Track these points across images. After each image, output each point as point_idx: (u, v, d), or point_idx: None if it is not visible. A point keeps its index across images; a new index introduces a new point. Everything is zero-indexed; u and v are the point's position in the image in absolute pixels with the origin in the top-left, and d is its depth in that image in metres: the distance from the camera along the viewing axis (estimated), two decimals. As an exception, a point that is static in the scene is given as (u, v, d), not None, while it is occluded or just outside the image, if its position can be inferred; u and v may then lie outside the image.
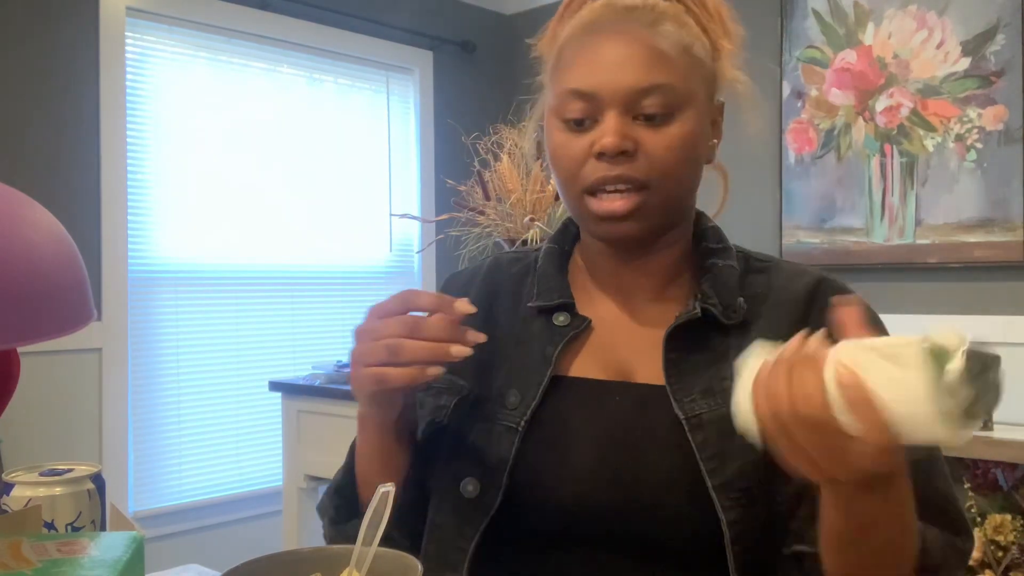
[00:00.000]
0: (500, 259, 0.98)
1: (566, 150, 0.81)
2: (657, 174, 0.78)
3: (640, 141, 0.78)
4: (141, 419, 2.75)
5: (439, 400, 0.89)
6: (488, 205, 2.02)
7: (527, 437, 0.82)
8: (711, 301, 0.82)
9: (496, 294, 0.93)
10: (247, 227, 2.98)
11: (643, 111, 0.78)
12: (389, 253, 3.38)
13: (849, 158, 2.72)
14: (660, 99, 0.77)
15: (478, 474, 0.83)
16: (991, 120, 2.46)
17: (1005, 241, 2.44)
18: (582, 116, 0.80)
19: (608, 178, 0.78)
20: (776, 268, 0.88)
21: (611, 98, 0.78)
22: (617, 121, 0.78)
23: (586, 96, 0.79)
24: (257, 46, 3.01)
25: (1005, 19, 2.43)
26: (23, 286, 0.67)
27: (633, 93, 0.77)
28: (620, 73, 0.78)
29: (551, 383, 0.83)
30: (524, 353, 0.87)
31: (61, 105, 2.56)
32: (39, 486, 0.73)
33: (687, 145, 0.79)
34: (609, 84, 0.78)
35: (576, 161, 0.80)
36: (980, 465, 2.23)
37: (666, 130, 0.78)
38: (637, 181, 0.78)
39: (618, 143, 0.77)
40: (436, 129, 3.49)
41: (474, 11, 3.65)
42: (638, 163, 0.78)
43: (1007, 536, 2.14)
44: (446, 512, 0.84)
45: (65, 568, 0.53)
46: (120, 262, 2.66)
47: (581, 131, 0.80)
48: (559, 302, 0.87)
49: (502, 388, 0.85)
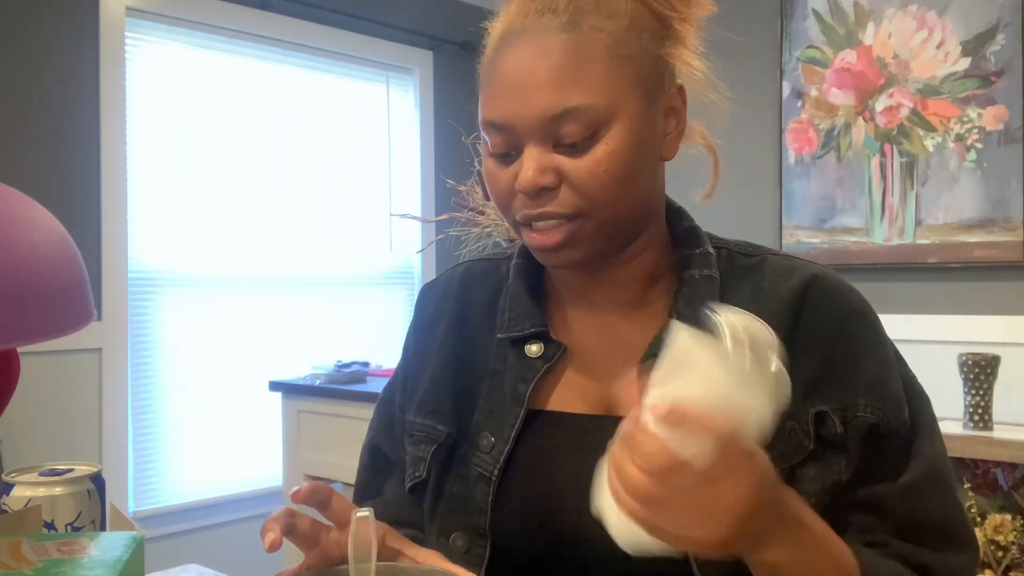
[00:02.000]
0: (472, 270, 0.92)
1: (495, 183, 0.75)
2: (586, 202, 0.71)
3: (563, 171, 0.71)
4: (141, 419, 2.75)
5: (417, 451, 0.84)
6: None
7: (503, 484, 0.77)
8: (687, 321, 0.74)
9: (469, 312, 0.88)
10: (246, 226, 2.98)
11: (561, 140, 0.70)
12: (389, 253, 3.38)
13: (849, 158, 2.72)
14: (578, 123, 0.69)
15: (463, 527, 0.79)
16: (991, 120, 2.46)
17: (1005, 241, 2.44)
18: (504, 150, 0.73)
19: (532, 216, 0.73)
20: (763, 266, 0.80)
21: (525, 130, 0.71)
22: (534, 156, 0.71)
23: (502, 128, 0.72)
24: (257, 46, 3.01)
25: (1005, 19, 2.43)
26: (23, 286, 0.67)
27: (546, 121, 0.70)
28: (530, 98, 0.70)
29: (527, 419, 0.78)
30: (498, 387, 0.82)
31: (61, 105, 2.56)
32: (39, 486, 0.73)
33: (618, 162, 0.70)
34: (520, 113, 0.70)
35: (504, 195, 0.75)
36: (980, 465, 2.23)
37: (590, 154, 0.70)
38: (564, 215, 0.72)
39: (535, 180, 0.70)
40: (436, 129, 3.49)
41: (474, 11, 3.65)
42: (562, 196, 0.71)
43: (1007, 536, 2.14)
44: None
45: (65, 568, 0.53)
46: (120, 262, 2.66)
47: (507, 163, 0.74)
48: (531, 331, 0.81)
49: (476, 428, 0.81)
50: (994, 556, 2.15)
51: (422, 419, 0.86)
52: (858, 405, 0.74)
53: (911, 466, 0.75)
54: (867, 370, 0.76)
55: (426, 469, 0.83)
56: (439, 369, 0.87)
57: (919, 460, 0.75)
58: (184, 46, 2.84)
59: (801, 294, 0.77)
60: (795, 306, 0.77)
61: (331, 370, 2.43)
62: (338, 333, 3.17)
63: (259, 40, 3.01)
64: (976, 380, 2.23)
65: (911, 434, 0.76)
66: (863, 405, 0.74)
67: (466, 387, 0.83)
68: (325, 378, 2.42)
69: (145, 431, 2.76)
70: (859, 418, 0.74)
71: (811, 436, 0.73)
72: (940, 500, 0.75)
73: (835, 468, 0.73)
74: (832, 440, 0.73)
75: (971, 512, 2.18)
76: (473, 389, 0.83)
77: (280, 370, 2.93)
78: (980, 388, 2.23)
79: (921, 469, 0.75)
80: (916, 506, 0.74)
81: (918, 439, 0.76)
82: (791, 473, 0.72)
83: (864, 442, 0.74)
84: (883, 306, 0.86)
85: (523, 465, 0.78)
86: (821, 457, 0.73)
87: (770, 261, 0.81)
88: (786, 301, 0.77)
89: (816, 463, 0.73)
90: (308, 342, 3.10)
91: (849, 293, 0.79)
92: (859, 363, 0.76)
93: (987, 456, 2.15)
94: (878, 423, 0.74)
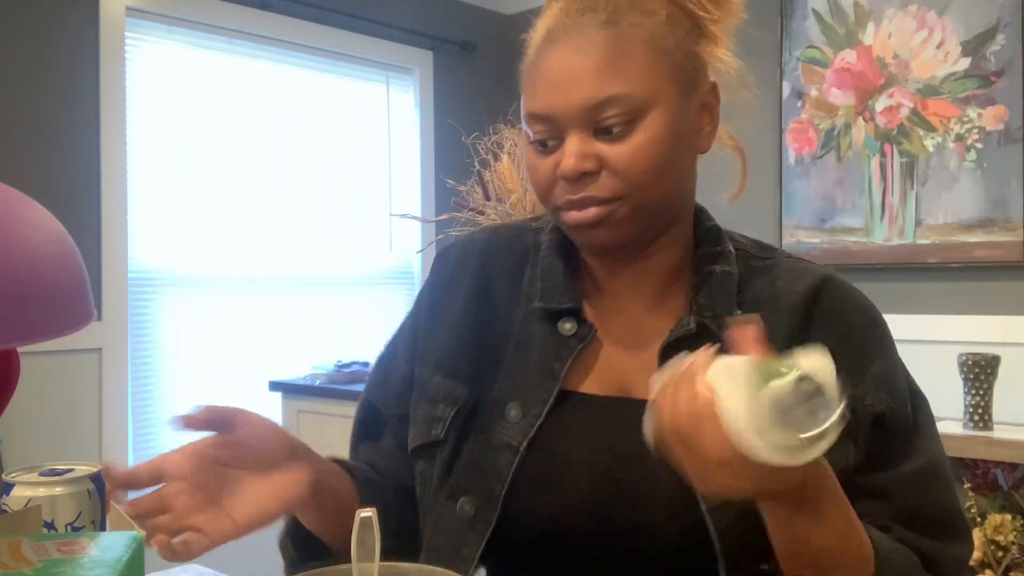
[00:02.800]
0: (498, 235, 0.93)
1: (536, 172, 0.79)
2: (625, 187, 0.75)
3: (603, 157, 0.75)
4: (141, 419, 2.75)
5: (435, 411, 0.85)
6: (488, 205, 2.02)
7: (526, 457, 0.79)
8: (707, 313, 0.80)
9: (492, 278, 0.89)
10: (246, 226, 2.97)
11: (601, 125, 0.74)
12: (389, 253, 3.38)
13: (849, 158, 2.72)
14: (618, 109, 0.74)
15: (474, 492, 0.80)
16: (991, 120, 2.46)
17: (1005, 241, 2.44)
18: (545, 138, 0.78)
19: (573, 201, 0.76)
20: (777, 266, 0.85)
21: (567, 118, 0.75)
22: (576, 142, 0.75)
23: (545, 119, 0.77)
24: (257, 46, 3.01)
25: (1005, 19, 2.43)
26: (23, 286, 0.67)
27: (587, 110, 0.74)
28: (573, 90, 0.74)
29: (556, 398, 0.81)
30: (526, 359, 0.83)
31: (61, 105, 2.56)
32: (39, 486, 0.73)
33: (656, 150, 0.75)
34: (563, 103, 0.75)
35: (545, 183, 0.79)
36: (980, 465, 2.23)
37: (629, 140, 0.74)
38: (603, 199, 0.75)
39: (576, 166, 0.75)
40: (436, 129, 3.49)
41: (474, 11, 3.65)
42: (602, 181, 0.75)
43: (1007, 536, 2.14)
44: (443, 531, 0.82)
45: (65, 568, 0.53)
46: (120, 262, 2.66)
47: (547, 152, 0.78)
48: (568, 306, 0.83)
49: (501, 397, 0.82)
50: (994, 556, 2.15)
51: (440, 378, 0.86)
52: (867, 395, 0.78)
53: (913, 459, 0.78)
54: (876, 364, 0.80)
55: (445, 430, 0.84)
56: (459, 329, 0.88)
57: (921, 454, 0.79)
58: (184, 46, 2.84)
59: (813, 293, 0.81)
60: (807, 303, 0.81)
61: (331, 370, 2.44)
62: (338, 333, 3.17)
63: (259, 40, 3.01)
64: (976, 380, 2.23)
65: (913, 429, 0.80)
66: (872, 395, 0.78)
67: (487, 352, 0.84)
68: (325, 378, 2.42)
69: (145, 431, 2.76)
70: (868, 407, 0.78)
71: None
72: (941, 492, 0.79)
73: (845, 453, 0.76)
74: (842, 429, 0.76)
75: (971, 512, 2.18)
76: (494, 355, 0.85)
77: (280, 370, 2.93)
78: (980, 388, 2.23)
79: (922, 462, 0.78)
80: (918, 496, 0.77)
81: (920, 434, 0.80)
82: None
83: (872, 431, 0.77)
84: (883, 306, 0.88)
85: (546, 439, 0.80)
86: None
87: (783, 263, 0.85)
88: (799, 297, 0.81)
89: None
90: (308, 342, 3.09)
91: (858, 295, 0.84)
92: (868, 357, 0.80)
93: (987, 456, 2.15)
94: (885, 413, 0.78)
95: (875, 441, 0.77)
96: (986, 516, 2.17)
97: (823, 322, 0.80)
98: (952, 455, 2.14)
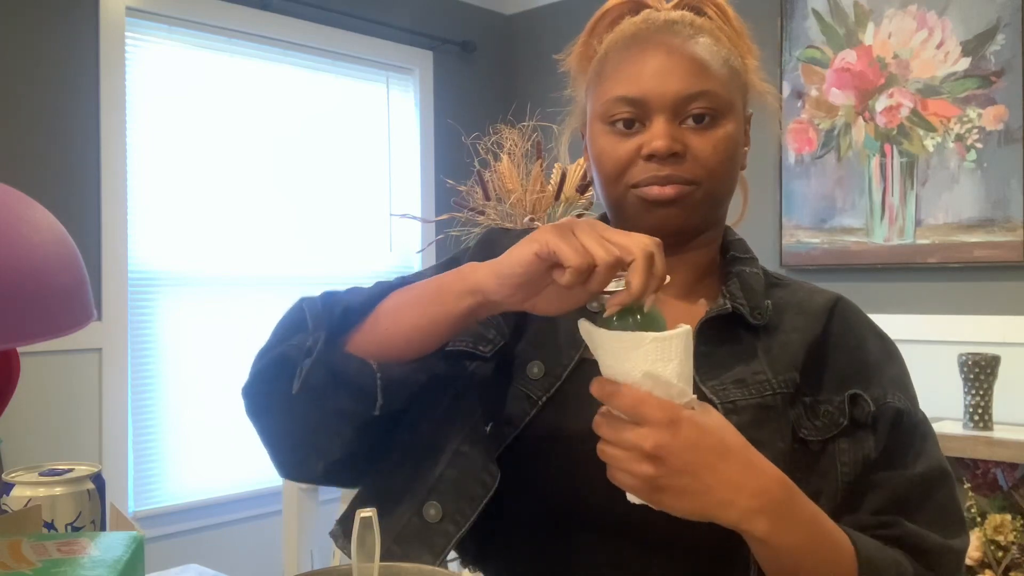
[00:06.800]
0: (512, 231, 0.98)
1: (613, 152, 0.85)
2: (704, 173, 0.83)
3: (688, 143, 0.82)
4: (141, 419, 2.75)
5: (487, 332, 0.87)
6: (488, 205, 2.02)
7: (542, 412, 0.83)
8: (739, 300, 0.85)
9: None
10: (247, 227, 2.98)
11: (690, 113, 0.82)
12: (389, 253, 3.38)
13: (849, 158, 2.72)
14: (706, 103, 0.82)
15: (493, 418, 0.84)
16: (991, 120, 2.46)
17: (1005, 241, 2.44)
18: (632, 118, 0.84)
19: (658, 178, 0.82)
20: (795, 285, 0.93)
21: (659, 104, 0.82)
22: (666, 125, 0.82)
23: (634, 103, 0.83)
24: (257, 46, 3.01)
25: (1005, 19, 2.43)
26: (23, 286, 0.67)
27: (680, 99, 0.82)
28: (666, 80, 0.82)
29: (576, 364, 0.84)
30: (552, 325, 0.87)
31: (61, 105, 2.56)
32: (39, 486, 0.73)
33: (730, 148, 0.84)
34: (656, 90, 0.82)
35: (623, 162, 0.84)
36: (980, 465, 2.23)
37: (712, 133, 0.83)
38: (686, 179, 0.82)
39: (669, 145, 0.81)
40: (436, 129, 3.49)
41: (474, 11, 3.65)
42: (686, 164, 0.82)
43: (1007, 536, 2.14)
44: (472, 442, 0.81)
45: (65, 568, 0.53)
46: (120, 262, 2.66)
47: (629, 134, 0.84)
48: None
49: (525, 355, 0.86)
50: (994, 556, 2.15)
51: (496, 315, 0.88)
52: (887, 393, 0.84)
53: (922, 461, 0.83)
54: (893, 369, 0.87)
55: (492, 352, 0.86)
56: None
57: (929, 458, 0.84)
58: (184, 46, 2.84)
59: (830, 306, 0.90)
60: (825, 314, 0.89)
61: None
62: (338, 333, 3.16)
63: (259, 40, 3.01)
64: (976, 380, 2.23)
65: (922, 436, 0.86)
66: (891, 394, 0.85)
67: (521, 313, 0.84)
68: (325, 378, 2.41)
69: (145, 431, 2.76)
70: (888, 404, 0.84)
71: (846, 414, 0.82)
72: (945, 491, 0.83)
73: (866, 445, 0.82)
74: (864, 420, 0.83)
75: (971, 512, 2.18)
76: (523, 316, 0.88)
77: (280, 370, 2.93)
78: (980, 388, 2.23)
79: (929, 463, 0.83)
80: (925, 494, 0.82)
81: (927, 442, 0.86)
82: (828, 445, 0.82)
83: (891, 426, 0.83)
84: (883, 306, 0.90)
85: (564, 399, 0.84)
86: (853, 434, 0.82)
87: (800, 283, 0.94)
88: (819, 307, 0.89)
89: (848, 438, 0.82)
90: (308, 342, 3.09)
91: (867, 316, 0.92)
92: (882, 365, 0.87)
93: (987, 456, 2.15)
94: (904, 412, 0.84)
95: (891, 437, 0.83)
96: (986, 516, 2.17)
97: (839, 330, 0.88)
98: (952, 455, 2.14)
